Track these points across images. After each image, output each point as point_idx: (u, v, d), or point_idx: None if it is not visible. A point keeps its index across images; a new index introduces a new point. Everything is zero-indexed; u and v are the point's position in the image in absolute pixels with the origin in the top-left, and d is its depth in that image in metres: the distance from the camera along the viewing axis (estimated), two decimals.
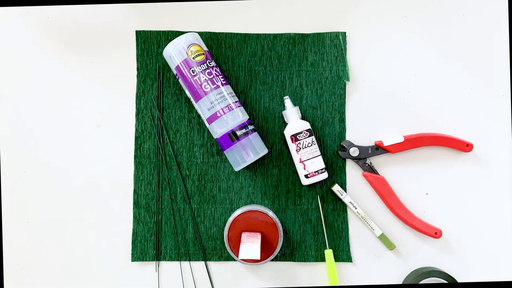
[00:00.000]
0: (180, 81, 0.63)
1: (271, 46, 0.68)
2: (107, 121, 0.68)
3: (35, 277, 0.67)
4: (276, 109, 0.67)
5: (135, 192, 0.67)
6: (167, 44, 0.66)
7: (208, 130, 0.67)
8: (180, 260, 0.67)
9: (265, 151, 0.64)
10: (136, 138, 0.67)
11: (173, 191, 0.67)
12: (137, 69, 0.68)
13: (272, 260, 0.67)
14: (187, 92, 0.64)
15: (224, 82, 0.63)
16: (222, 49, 0.68)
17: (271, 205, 0.67)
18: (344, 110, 0.68)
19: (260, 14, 0.68)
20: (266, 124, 0.67)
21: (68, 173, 0.68)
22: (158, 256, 0.67)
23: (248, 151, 0.62)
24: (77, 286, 0.67)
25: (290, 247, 0.67)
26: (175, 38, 0.67)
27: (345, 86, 0.68)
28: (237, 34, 0.68)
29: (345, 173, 0.67)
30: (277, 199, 0.67)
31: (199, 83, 0.62)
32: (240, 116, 0.63)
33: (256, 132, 0.64)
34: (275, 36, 0.68)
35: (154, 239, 0.67)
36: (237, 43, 0.68)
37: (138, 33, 0.68)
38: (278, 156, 0.67)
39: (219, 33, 0.68)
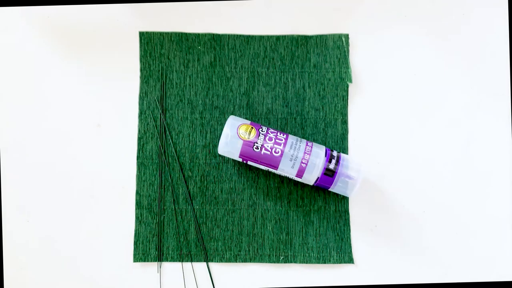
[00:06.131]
0: (250, 162, 0.63)
1: (274, 47, 0.68)
2: (110, 122, 0.68)
3: (35, 277, 0.67)
4: (279, 110, 0.67)
5: (137, 193, 0.67)
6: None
7: (211, 130, 0.67)
8: (182, 261, 0.67)
9: (361, 164, 0.63)
10: (139, 139, 0.68)
11: (176, 192, 0.67)
12: (140, 70, 0.68)
13: (274, 262, 0.67)
14: (262, 167, 0.63)
15: (285, 135, 0.62)
16: (225, 51, 0.68)
17: (273, 206, 0.67)
18: (346, 111, 0.68)
19: (263, 16, 0.68)
20: (269, 125, 0.67)
21: (70, 173, 0.68)
22: (160, 257, 0.67)
23: (349, 174, 0.61)
24: (78, 286, 0.67)
25: (292, 249, 0.67)
26: (178, 40, 0.67)
27: (347, 87, 0.68)
28: (240, 35, 0.68)
29: None
30: (279, 200, 0.67)
31: (269, 153, 0.61)
32: (320, 151, 0.62)
33: (341, 154, 0.63)
34: (278, 37, 0.68)
35: (156, 240, 0.67)
36: (240, 44, 0.68)
37: (142, 34, 0.68)
38: None
39: (222, 34, 0.68)
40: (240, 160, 0.63)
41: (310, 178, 0.62)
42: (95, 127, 0.68)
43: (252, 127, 0.62)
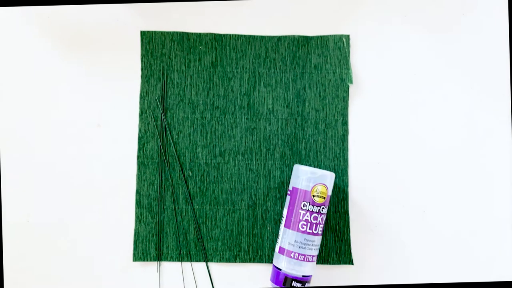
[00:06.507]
0: (288, 198, 0.63)
1: (275, 48, 0.68)
2: (111, 121, 0.68)
3: (35, 277, 0.67)
4: (280, 111, 0.68)
5: (137, 192, 0.67)
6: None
7: (211, 131, 0.67)
8: (182, 261, 0.67)
9: None
10: (140, 138, 0.67)
11: (176, 192, 0.67)
12: (141, 69, 0.68)
13: (273, 262, 0.67)
14: (284, 211, 0.63)
15: (320, 233, 0.62)
16: (227, 51, 0.68)
17: (273, 207, 0.67)
18: (347, 113, 0.68)
19: (264, 16, 0.68)
20: (269, 126, 0.68)
21: (70, 173, 0.67)
22: (159, 257, 0.67)
23: None
24: (78, 285, 0.67)
25: None
26: (180, 40, 0.67)
27: (348, 88, 0.68)
28: (242, 35, 0.68)
29: (347, 176, 0.67)
30: (279, 201, 0.67)
31: (299, 218, 0.61)
32: (305, 272, 0.61)
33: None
34: (279, 38, 0.68)
35: (155, 240, 0.67)
36: (241, 44, 0.68)
37: (143, 34, 0.68)
38: (281, 158, 0.67)
39: (224, 34, 0.68)
40: (290, 189, 0.63)
41: (279, 264, 0.62)
42: (95, 127, 0.68)
43: (324, 198, 0.61)
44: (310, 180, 0.61)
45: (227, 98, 0.68)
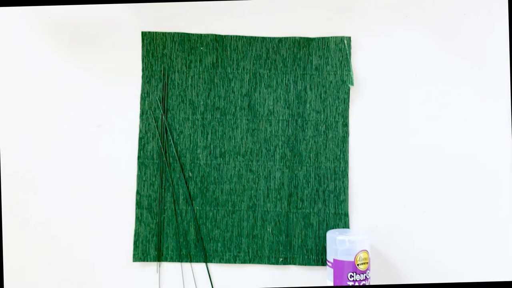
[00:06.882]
0: (330, 270, 0.62)
1: (276, 49, 0.68)
2: (111, 121, 0.68)
3: (35, 277, 0.67)
4: (280, 112, 0.68)
5: (137, 192, 0.67)
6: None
7: (212, 131, 0.67)
8: (181, 262, 0.67)
9: None
10: (140, 139, 0.67)
11: (176, 193, 0.67)
12: (142, 70, 0.68)
13: (272, 263, 0.67)
14: (329, 282, 0.63)
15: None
16: (227, 52, 0.68)
17: (273, 208, 0.67)
18: (347, 114, 0.68)
19: (265, 17, 0.68)
20: (270, 127, 0.68)
21: (70, 174, 0.67)
22: (159, 257, 0.67)
23: None
24: (78, 285, 0.67)
25: (291, 250, 0.67)
26: (181, 41, 0.68)
27: (349, 90, 0.68)
28: (243, 37, 0.68)
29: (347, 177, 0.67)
30: (279, 202, 0.67)
31: None
32: None
33: None
34: (280, 39, 0.68)
35: (155, 240, 0.67)
36: (242, 45, 0.68)
37: (144, 34, 0.68)
38: (281, 160, 0.67)
39: (225, 35, 0.68)
40: (330, 264, 0.63)
41: None
42: (96, 127, 0.68)
43: (367, 263, 0.61)
44: (350, 250, 0.61)
45: (228, 99, 0.68)
